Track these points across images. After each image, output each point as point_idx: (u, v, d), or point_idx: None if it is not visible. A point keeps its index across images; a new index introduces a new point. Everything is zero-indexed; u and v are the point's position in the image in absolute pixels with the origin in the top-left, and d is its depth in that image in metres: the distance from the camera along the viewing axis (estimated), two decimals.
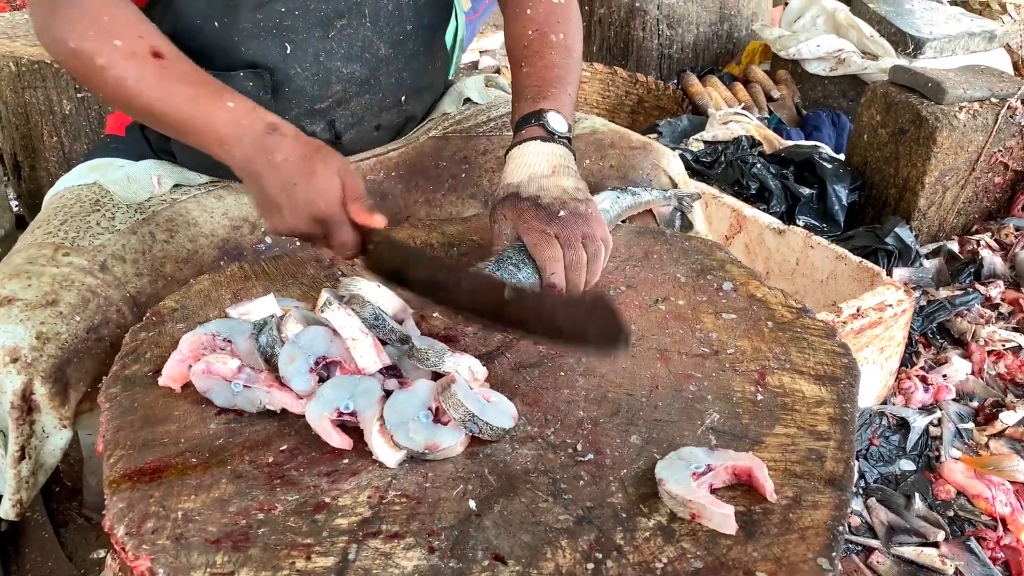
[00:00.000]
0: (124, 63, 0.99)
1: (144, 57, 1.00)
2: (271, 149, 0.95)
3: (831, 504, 0.77)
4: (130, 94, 1.00)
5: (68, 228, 1.11)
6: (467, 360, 0.87)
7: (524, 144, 1.08)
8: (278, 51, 1.14)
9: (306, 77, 1.17)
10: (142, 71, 0.99)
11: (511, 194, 1.04)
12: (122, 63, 0.99)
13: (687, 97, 3.06)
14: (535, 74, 1.17)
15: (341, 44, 1.17)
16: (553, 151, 1.07)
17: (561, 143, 1.09)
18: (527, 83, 1.16)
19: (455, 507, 0.75)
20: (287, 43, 1.13)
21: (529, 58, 1.20)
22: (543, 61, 1.18)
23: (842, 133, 2.88)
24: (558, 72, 1.17)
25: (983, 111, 2.23)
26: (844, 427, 0.86)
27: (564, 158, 1.08)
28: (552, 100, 1.12)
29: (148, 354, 0.93)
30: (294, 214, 0.94)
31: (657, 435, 0.84)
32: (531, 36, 1.21)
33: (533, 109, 1.11)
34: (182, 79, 1.00)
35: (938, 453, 1.70)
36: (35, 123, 1.99)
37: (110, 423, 0.84)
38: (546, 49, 1.20)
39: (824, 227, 2.28)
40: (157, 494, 0.75)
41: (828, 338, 0.99)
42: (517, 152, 1.08)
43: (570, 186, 1.04)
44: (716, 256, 1.16)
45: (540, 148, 1.07)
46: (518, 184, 1.04)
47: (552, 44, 1.20)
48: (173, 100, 0.99)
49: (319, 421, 0.80)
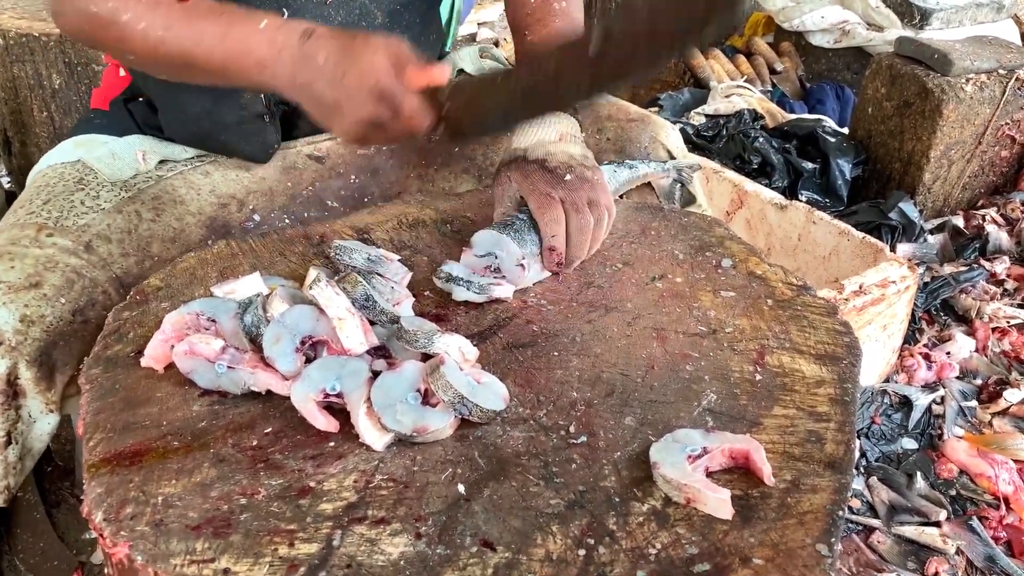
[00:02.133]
0: (150, 14, 0.94)
1: (168, 4, 0.95)
2: (311, 55, 0.91)
3: (831, 488, 0.75)
4: (161, 45, 0.94)
5: (51, 208, 1.08)
6: (457, 340, 0.84)
7: None
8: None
9: None
10: (170, 18, 0.94)
11: (517, 157, 1.04)
12: (148, 14, 0.94)
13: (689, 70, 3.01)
14: (540, 42, 1.18)
15: (339, 11, 1.15)
16: (560, 119, 1.08)
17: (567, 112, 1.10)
18: (532, 51, 1.18)
19: (443, 491, 0.73)
20: (284, 7, 1.10)
21: (532, 26, 1.20)
22: (547, 29, 1.19)
23: (846, 106, 2.84)
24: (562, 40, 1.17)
25: (990, 83, 2.19)
26: (845, 408, 0.84)
27: (570, 127, 1.09)
28: None
29: (131, 334, 0.91)
30: (353, 104, 0.91)
31: (652, 416, 0.82)
32: (534, 4, 1.22)
33: None
34: (209, 16, 0.95)
35: (941, 431, 1.68)
36: (24, 98, 1.96)
37: (90, 405, 0.82)
38: (549, 17, 1.20)
39: (827, 202, 2.25)
40: (137, 478, 0.73)
41: (829, 316, 0.97)
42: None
43: (577, 152, 1.04)
44: (715, 232, 1.13)
45: (547, 116, 1.08)
46: (525, 148, 1.05)
47: (555, 12, 1.21)
48: (206, 39, 0.94)
49: (304, 403, 0.78)
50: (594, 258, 1.07)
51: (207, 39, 0.94)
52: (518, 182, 1.03)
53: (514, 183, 1.03)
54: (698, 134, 2.41)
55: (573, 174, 1.02)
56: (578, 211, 1.00)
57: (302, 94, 0.93)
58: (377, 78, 0.89)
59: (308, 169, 1.27)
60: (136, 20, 0.94)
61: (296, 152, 1.27)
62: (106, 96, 1.25)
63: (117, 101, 1.23)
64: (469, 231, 1.12)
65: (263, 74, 0.94)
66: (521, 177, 1.03)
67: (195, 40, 0.94)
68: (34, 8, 2.03)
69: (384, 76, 0.89)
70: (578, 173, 1.02)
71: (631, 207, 1.19)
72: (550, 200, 1.00)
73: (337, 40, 0.92)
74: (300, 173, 1.26)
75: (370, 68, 0.89)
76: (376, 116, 0.91)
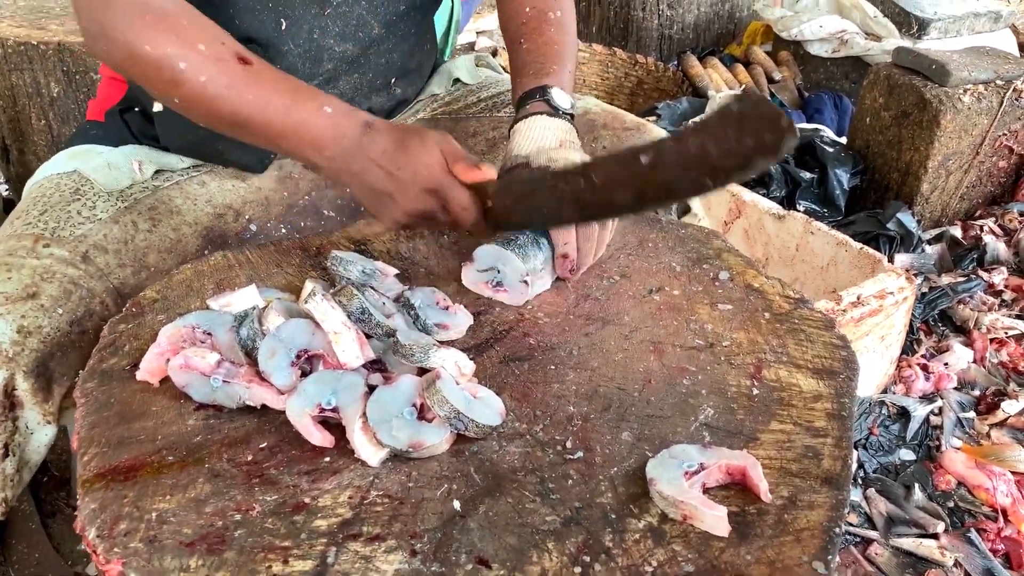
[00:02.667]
0: (211, 69, 0.94)
1: (232, 63, 0.95)
2: (368, 146, 0.95)
3: (827, 504, 0.74)
4: (216, 101, 0.95)
5: (48, 218, 1.08)
6: (453, 355, 0.84)
7: (530, 118, 1.10)
8: (273, 26, 1.11)
9: (298, 54, 1.14)
10: (232, 78, 0.94)
11: (520, 164, 1.05)
12: (209, 69, 0.94)
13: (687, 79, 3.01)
14: (535, 51, 1.18)
15: (336, 21, 1.15)
16: (559, 126, 1.09)
17: (565, 119, 1.11)
18: (528, 59, 1.18)
19: (439, 508, 0.73)
20: (283, 18, 1.11)
21: (528, 35, 1.21)
22: (542, 38, 1.20)
23: (844, 116, 2.84)
24: (558, 49, 1.19)
25: (988, 94, 2.19)
26: (842, 423, 0.84)
27: (569, 133, 1.10)
28: (554, 76, 1.14)
29: (126, 347, 0.91)
30: (405, 196, 0.95)
31: (649, 431, 0.82)
32: (528, 13, 1.23)
33: (537, 84, 1.13)
34: (274, 86, 0.96)
35: (939, 443, 1.68)
36: (23, 106, 1.96)
37: (85, 419, 0.81)
38: (544, 26, 1.21)
39: (825, 212, 2.25)
40: (131, 494, 0.73)
41: (827, 330, 0.96)
42: (523, 125, 1.10)
43: (577, 159, 1.05)
44: (713, 244, 1.13)
45: (547, 122, 1.09)
46: (527, 155, 1.06)
47: (550, 21, 1.21)
48: (267, 108, 0.95)
49: (300, 418, 0.78)
50: (591, 270, 1.06)
51: (269, 108, 0.95)
52: None
53: None
54: None
55: None
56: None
57: (354, 181, 0.97)
58: (430, 172, 0.94)
59: (304, 178, 1.27)
60: (195, 72, 0.93)
61: (292, 162, 1.27)
62: (102, 107, 1.25)
63: (113, 112, 1.23)
64: (466, 243, 1.12)
65: (318, 155, 0.97)
66: None
67: (255, 106, 0.95)
68: (32, 16, 2.03)
69: (436, 172, 0.95)
70: None
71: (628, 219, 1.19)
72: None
73: (394, 134, 0.96)
74: (296, 182, 1.26)
75: (424, 165, 0.94)
76: (426, 209, 0.96)
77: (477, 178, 0.96)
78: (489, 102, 1.39)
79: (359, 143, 0.95)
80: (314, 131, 0.95)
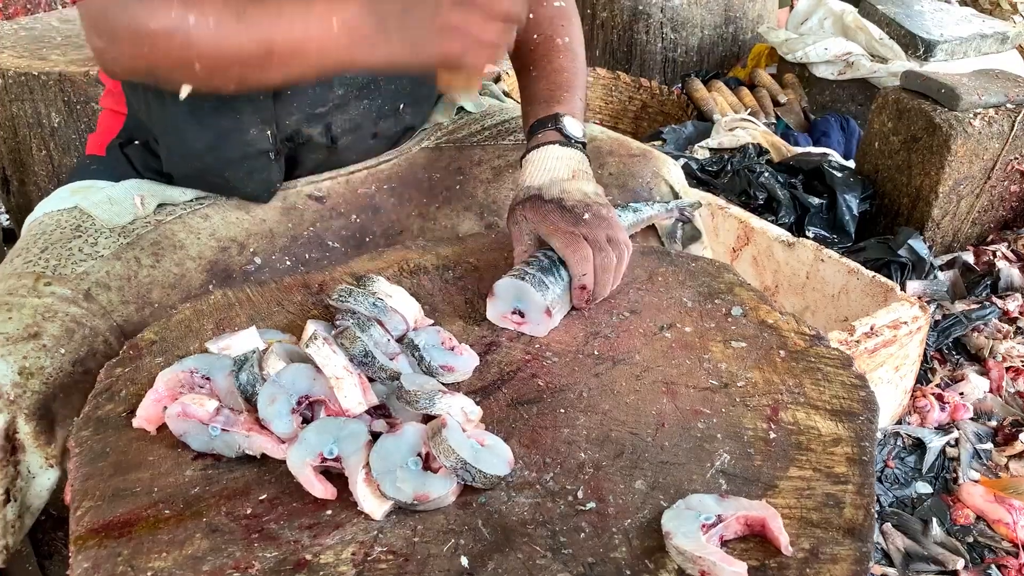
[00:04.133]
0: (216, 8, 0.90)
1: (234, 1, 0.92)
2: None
3: (851, 558, 0.71)
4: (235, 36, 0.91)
5: (49, 256, 1.06)
6: (460, 400, 0.81)
7: (543, 148, 1.09)
8: None
9: (310, 81, 1.12)
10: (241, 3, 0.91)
11: (532, 196, 1.04)
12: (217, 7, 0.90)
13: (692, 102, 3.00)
14: (545, 78, 1.18)
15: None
16: (572, 155, 1.09)
17: (577, 148, 1.10)
18: (538, 87, 1.17)
19: (446, 565, 0.70)
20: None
21: (537, 62, 1.20)
22: (552, 65, 1.19)
23: (851, 138, 2.82)
24: (568, 76, 1.18)
25: (999, 117, 2.17)
26: (863, 468, 0.81)
27: (582, 163, 1.09)
28: (565, 104, 1.14)
29: (123, 392, 0.88)
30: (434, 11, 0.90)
31: (664, 479, 0.79)
32: (537, 40, 1.21)
33: (548, 113, 1.12)
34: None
35: (956, 475, 1.64)
36: (23, 136, 1.95)
37: (79, 470, 0.79)
38: (553, 53, 1.20)
39: (835, 238, 2.22)
40: (126, 551, 0.70)
41: (844, 368, 0.93)
42: (536, 155, 1.09)
43: (590, 190, 1.05)
44: (724, 278, 1.10)
45: (559, 152, 1.08)
46: (539, 187, 1.04)
47: (559, 48, 1.20)
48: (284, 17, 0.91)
49: (301, 469, 0.75)
50: (600, 306, 1.04)
51: (285, 18, 0.91)
52: (535, 221, 1.02)
53: (531, 222, 1.03)
54: (703, 169, 2.39)
55: (590, 212, 1.02)
56: (601, 249, 0.99)
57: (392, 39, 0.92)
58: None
59: (308, 210, 1.25)
60: (203, 20, 0.90)
61: (296, 192, 1.25)
62: (102, 141, 1.23)
63: (113, 146, 1.21)
64: (472, 278, 1.10)
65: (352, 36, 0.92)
66: (539, 217, 1.02)
67: (273, 19, 0.91)
68: (33, 46, 2.02)
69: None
70: (595, 211, 1.02)
71: (636, 251, 1.16)
72: (575, 239, 0.99)
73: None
74: (300, 214, 1.24)
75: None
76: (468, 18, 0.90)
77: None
78: (493, 130, 1.37)
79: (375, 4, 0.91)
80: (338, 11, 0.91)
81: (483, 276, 1.10)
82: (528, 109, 1.16)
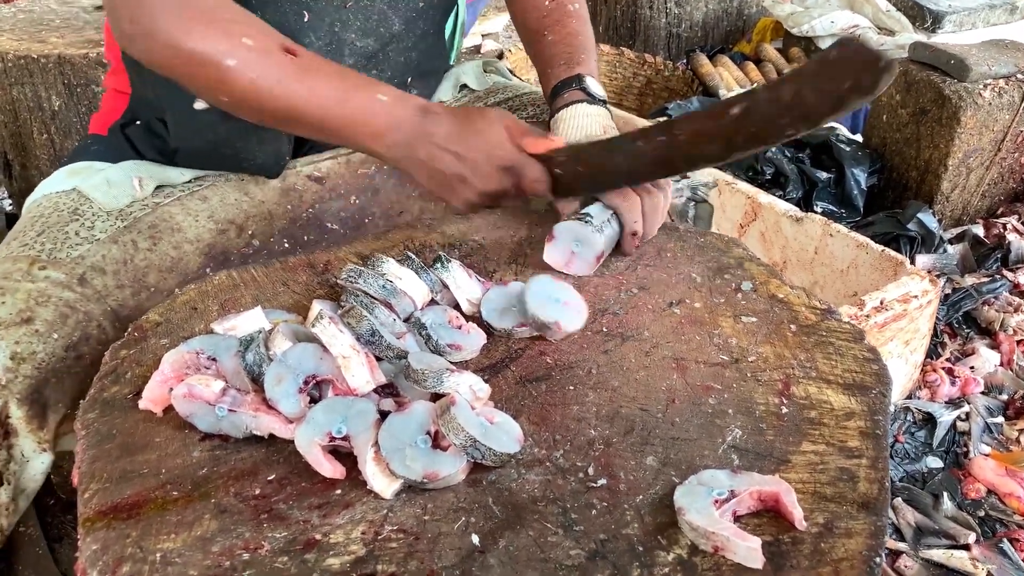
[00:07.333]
0: (260, 64, 0.92)
1: (279, 55, 0.93)
2: (430, 131, 0.95)
3: (866, 531, 0.70)
4: (268, 96, 0.93)
5: (45, 239, 1.05)
6: (468, 379, 0.80)
7: (572, 107, 1.12)
8: (295, 18, 1.08)
9: (319, 48, 1.10)
10: (281, 71, 0.93)
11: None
12: (257, 65, 0.92)
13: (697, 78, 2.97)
14: (562, 42, 1.21)
15: (357, 16, 1.13)
16: (600, 112, 1.12)
17: (601, 105, 1.13)
18: (556, 51, 1.20)
19: (457, 543, 0.69)
20: (305, 10, 1.08)
21: (552, 27, 1.22)
22: (566, 30, 1.22)
23: (858, 112, 2.79)
24: (583, 40, 1.21)
25: (1008, 88, 2.14)
26: (877, 442, 0.80)
27: (608, 119, 1.13)
28: (584, 66, 1.17)
29: (129, 374, 0.87)
30: (480, 176, 0.96)
31: (675, 455, 0.78)
32: (549, 6, 1.24)
33: (571, 74, 1.15)
34: (325, 77, 0.95)
35: (967, 449, 1.63)
36: (24, 120, 1.93)
37: (86, 452, 0.78)
38: (566, 18, 1.23)
39: (843, 212, 2.20)
40: (134, 533, 0.69)
41: (856, 342, 0.92)
42: (567, 114, 1.12)
43: None
44: (733, 253, 1.09)
45: (588, 110, 1.12)
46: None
47: (571, 13, 1.24)
48: (320, 99, 0.94)
49: (309, 448, 0.74)
50: (608, 282, 1.03)
51: (324, 101, 0.95)
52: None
53: None
54: None
55: None
56: (648, 193, 1.03)
57: (421, 167, 0.97)
58: (504, 150, 0.96)
59: (308, 191, 1.23)
60: (244, 67, 0.92)
61: (296, 173, 1.24)
62: (105, 121, 1.22)
63: (115, 127, 1.20)
64: (478, 255, 1.09)
65: (377, 143, 0.97)
66: None
67: (309, 99, 0.94)
68: (32, 29, 2.00)
69: (509, 148, 0.96)
70: None
71: None
72: (623, 189, 1.02)
73: (456, 115, 0.97)
74: (300, 195, 1.23)
75: (496, 143, 0.96)
76: (501, 187, 0.97)
77: (547, 148, 0.97)
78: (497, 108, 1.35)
79: (421, 129, 0.95)
80: (372, 120, 0.95)
81: (489, 254, 1.09)
82: (549, 71, 1.19)
